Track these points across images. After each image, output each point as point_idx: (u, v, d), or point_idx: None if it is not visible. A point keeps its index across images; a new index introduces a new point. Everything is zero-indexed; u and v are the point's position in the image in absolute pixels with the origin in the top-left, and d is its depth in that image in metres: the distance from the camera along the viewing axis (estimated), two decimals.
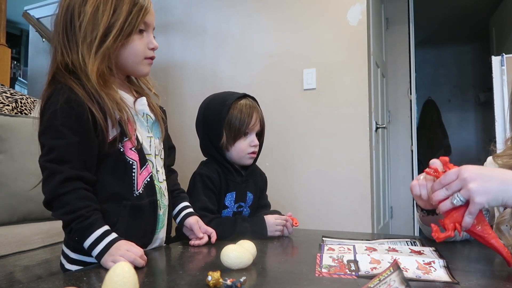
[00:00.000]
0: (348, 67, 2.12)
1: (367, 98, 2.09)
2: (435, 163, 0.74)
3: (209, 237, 0.97)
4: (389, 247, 0.88)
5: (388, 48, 3.05)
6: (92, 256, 0.76)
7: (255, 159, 1.21)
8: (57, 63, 0.82)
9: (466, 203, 0.67)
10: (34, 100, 2.05)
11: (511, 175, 0.67)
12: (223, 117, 1.10)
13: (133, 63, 0.88)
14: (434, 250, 0.85)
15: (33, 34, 3.31)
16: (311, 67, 2.21)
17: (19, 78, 4.46)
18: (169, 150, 1.03)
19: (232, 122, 1.11)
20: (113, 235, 0.76)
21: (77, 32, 0.81)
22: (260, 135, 1.20)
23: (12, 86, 3.49)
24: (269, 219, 1.07)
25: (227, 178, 1.15)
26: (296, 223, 1.13)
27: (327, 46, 2.18)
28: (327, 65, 2.17)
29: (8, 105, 1.89)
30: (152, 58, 0.91)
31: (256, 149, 1.16)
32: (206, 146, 1.18)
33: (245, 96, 1.17)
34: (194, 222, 0.97)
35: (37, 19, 3.12)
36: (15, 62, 4.61)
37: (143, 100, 0.92)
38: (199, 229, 0.96)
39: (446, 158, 0.73)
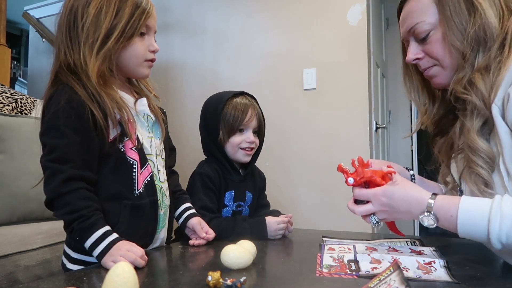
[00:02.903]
0: (348, 67, 2.12)
1: (367, 98, 2.08)
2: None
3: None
4: (390, 247, 0.89)
5: (388, 48, 3.05)
6: (93, 256, 0.76)
7: (255, 159, 1.21)
8: (60, 62, 0.83)
9: None
10: (34, 100, 2.05)
11: (414, 206, 0.73)
12: (219, 113, 1.13)
13: (134, 65, 0.89)
14: (434, 250, 0.85)
15: (33, 34, 3.31)
16: (311, 67, 2.21)
17: (19, 78, 4.47)
18: (170, 151, 1.04)
19: (227, 118, 1.13)
20: (114, 235, 0.76)
21: (80, 32, 0.82)
22: (259, 134, 1.20)
23: (12, 86, 3.49)
24: (271, 223, 1.06)
25: (226, 176, 1.15)
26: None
27: (327, 46, 2.18)
28: (327, 65, 2.17)
29: (8, 105, 1.89)
30: (152, 60, 0.92)
31: (252, 146, 1.16)
32: (207, 144, 1.19)
33: (242, 93, 1.19)
34: (197, 222, 0.98)
35: (37, 19, 3.12)
36: (15, 62, 4.61)
37: (143, 101, 0.93)
38: (201, 230, 0.97)
39: (360, 159, 0.84)
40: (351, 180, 0.81)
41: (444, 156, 0.87)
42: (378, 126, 2.34)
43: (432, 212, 0.69)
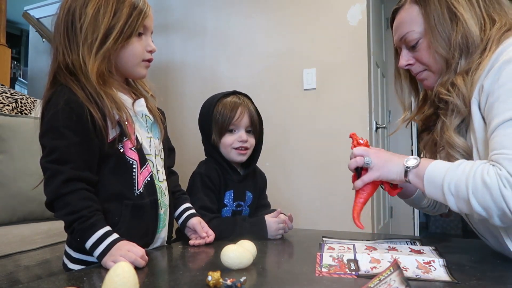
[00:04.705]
0: (348, 67, 2.12)
1: (367, 98, 2.09)
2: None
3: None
4: (389, 246, 0.89)
5: (388, 48, 3.04)
6: (94, 256, 0.76)
7: (256, 159, 1.21)
8: (58, 63, 0.83)
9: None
10: (34, 100, 2.05)
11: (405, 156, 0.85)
12: (210, 114, 1.14)
13: (132, 65, 0.89)
14: (434, 249, 0.86)
15: (33, 34, 3.31)
16: (311, 67, 2.21)
17: (19, 78, 4.47)
18: (169, 151, 1.04)
19: (217, 118, 1.14)
20: (115, 235, 0.77)
21: (78, 33, 0.82)
22: (256, 133, 1.20)
23: (12, 86, 3.49)
24: (271, 223, 1.06)
25: (225, 176, 1.15)
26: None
27: (327, 46, 2.18)
28: (327, 65, 2.17)
29: (8, 105, 1.89)
30: (149, 60, 0.92)
31: (245, 145, 1.14)
32: (205, 145, 1.20)
33: (234, 93, 1.19)
34: (197, 222, 0.99)
35: (37, 19, 3.12)
36: (15, 62, 4.61)
37: (141, 102, 0.94)
38: (202, 230, 0.98)
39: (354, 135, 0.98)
40: (361, 141, 0.96)
41: (428, 152, 0.95)
42: (378, 126, 2.34)
43: (419, 158, 0.81)
